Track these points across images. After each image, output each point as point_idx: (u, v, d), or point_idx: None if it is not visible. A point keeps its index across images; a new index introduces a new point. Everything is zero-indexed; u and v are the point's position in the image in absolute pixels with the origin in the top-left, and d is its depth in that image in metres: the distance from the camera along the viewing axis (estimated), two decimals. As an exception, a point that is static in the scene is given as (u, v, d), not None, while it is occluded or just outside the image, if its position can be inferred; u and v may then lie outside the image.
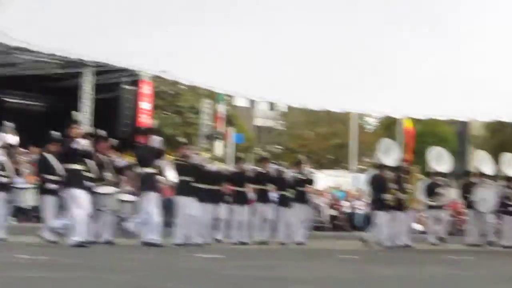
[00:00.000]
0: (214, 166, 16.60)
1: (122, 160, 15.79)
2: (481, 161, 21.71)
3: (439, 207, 20.94)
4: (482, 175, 21.11)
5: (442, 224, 21.37)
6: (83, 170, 14.25)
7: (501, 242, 21.04)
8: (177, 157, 16.54)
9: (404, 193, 19.42)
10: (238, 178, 17.67)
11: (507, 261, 15.67)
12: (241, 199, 17.74)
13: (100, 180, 14.92)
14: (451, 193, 20.82)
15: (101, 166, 15.03)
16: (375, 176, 19.48)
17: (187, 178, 15.99)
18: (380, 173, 19.43)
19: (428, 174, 21.19)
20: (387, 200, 18.64)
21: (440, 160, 21.49)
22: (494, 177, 21.67)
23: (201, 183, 16.22)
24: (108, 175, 15.22)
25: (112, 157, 15.61)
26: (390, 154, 20.97)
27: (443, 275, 11.24)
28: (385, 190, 18.72)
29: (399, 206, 18.99)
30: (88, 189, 14.26)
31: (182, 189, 16.10)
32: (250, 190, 17.92)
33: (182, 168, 16.08)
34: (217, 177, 16.96)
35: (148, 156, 15.53)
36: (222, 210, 17.42)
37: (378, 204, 18.80)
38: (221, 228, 17.70)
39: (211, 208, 16.77)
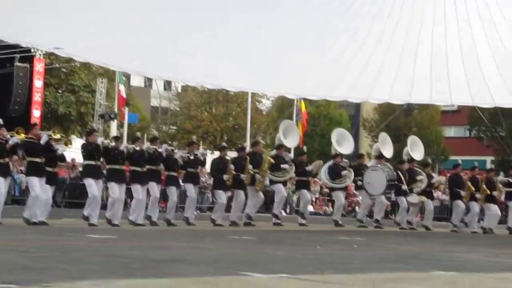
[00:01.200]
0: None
1: (13, 137, 15.32)
2: (381, 143, 22.15)
3: (341, 189, 21.24)
4: (380, 157, 21.55)
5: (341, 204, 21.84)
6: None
7: (397, 222, 21.71)
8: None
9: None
10: (137, 158, 17.28)
11: (399, 242, 16.05)
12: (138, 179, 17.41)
13: None
14: (353, 175, 21.07)
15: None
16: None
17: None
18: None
19: (332, 156, 21.44)
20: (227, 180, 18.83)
21: (341, 141, 21.82)
22: (391, 160, 22.23)
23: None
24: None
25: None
26: (290, 136, 21.19)
27: (336, 255, 11.43)
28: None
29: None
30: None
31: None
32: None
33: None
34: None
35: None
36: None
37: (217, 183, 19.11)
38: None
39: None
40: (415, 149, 22.45)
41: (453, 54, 22.29)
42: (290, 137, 21.18)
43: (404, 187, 21.35)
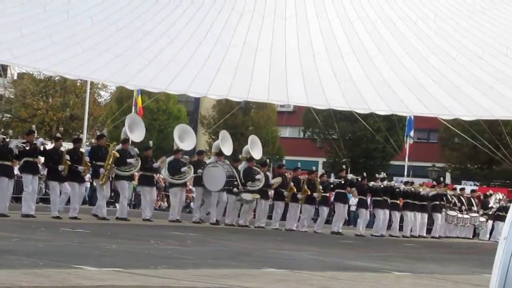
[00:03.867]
0: None
1: None
2: (221, 141, 22.36)
3: (181, 185, 21.29)
4: (220, 154, 21.74)
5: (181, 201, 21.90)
6: None
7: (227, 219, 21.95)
8: None
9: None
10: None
11: (233, 239, 16.26)
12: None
13: None
14: (192, 171, 21.13)
15: None
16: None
17: None
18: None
19: (174, 151, 21.43)
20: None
21: (183, 137, 21.85)
22: (229, 157, 22.48)
23: None
24: None
25: None
26: (136, 130, 21.06)
27: (170, 250, 11.49)
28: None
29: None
30: None
31: None
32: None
33: None
34: None
35: None
36: None
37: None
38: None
39: None
40: (255, 148, 22.83)
41: (291, 53, 22.81)
42: (136, 131, 21.02)
43: (239, 185, 21.62)
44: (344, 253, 14.74)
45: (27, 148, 17.75)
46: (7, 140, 17.57)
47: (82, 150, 19.45)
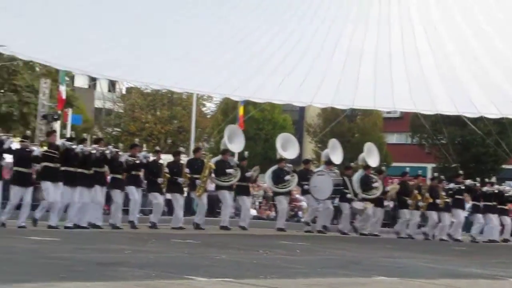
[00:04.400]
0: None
1: None
2: (331, 149, 22.23)
3: (284, 194, 21.26)
4: (329, 163, 21.66)
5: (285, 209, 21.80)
6: None
7: (340, 228, 21.73)
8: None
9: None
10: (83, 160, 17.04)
11: (341, 247, 16.14)
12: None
13: None
14: (296, 179, 21.12)
15: None
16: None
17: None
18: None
19: (277, 161, 21.50)
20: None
21: (286, 146, 21.88)
22: (340, 165, 22.35)
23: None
24: None
25: None
26: (235, 140, 21.24)
27: (279, 259, 11.48)
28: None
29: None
30: None
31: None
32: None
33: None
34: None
35: None
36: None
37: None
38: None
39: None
40: (371, 156, 22.48)
41: (396, 59, 22.55)
42: (235, 141, 21.22)
43: (350, 194, 21.46)
44: (457, 260, 14.42)
45: (137, 161, 18.15)
46: (119, 153, 17.94)
47: (181, 162, 19.73)
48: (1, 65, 37.49)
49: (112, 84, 59.07)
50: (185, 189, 19.74)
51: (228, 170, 20.01)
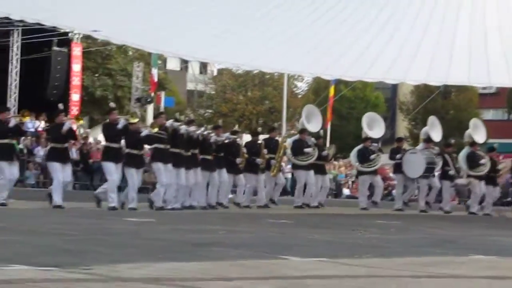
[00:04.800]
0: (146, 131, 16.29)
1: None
2: (430, 127, 21.96)
3: (371, 173, 21.15)
4: (428, 140, 21.43)
5: (376, 189, 21.62)
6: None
7: (442, 207, 21.43)
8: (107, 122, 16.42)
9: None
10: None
11: (436, 225, 15.96)
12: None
13: None
14: (382, 159, 21.03)
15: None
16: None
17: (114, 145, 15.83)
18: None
19: (362, 140, 21.43)
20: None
21: (372, 125, 21.75)
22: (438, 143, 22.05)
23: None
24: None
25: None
26: (313, 120, 21.31)
27: (373, 238, 11.41)
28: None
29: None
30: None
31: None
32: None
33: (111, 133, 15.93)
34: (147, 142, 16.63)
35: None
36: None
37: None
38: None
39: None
40: (477, 132, 22.00)
41: (492, 34, 22.00)
42: (313, 121, 21.35)
43: (452, 171, 21.11)
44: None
45: (226, 141, 18.25)
46: (211, 135, 18.00)
47: (259, 142, 19.81)
48: (95, 49, 38.24)
49: (203, 66, 59.59)
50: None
51: (306, 150, 20.04)
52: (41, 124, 27.97)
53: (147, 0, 19.99)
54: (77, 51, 31.98)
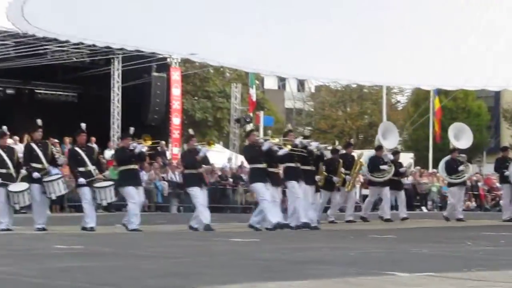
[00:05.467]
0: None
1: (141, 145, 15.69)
2: None
3: (458, 184, 20.83)
4: None
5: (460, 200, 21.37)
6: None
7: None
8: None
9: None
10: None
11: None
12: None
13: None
14: (471, 169, 20.65)
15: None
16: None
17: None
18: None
19: (450, 151, 21.28)
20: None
21: (460, 136, 21.54)
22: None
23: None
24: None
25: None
26: (389, 137, 21.27)
27: (481, 250, 11.13)
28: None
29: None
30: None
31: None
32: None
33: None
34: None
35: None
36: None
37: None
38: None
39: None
40: None
41: None
42: (390, 138, 21.26)
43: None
44: None
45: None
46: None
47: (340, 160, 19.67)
48: (193, 73, 38.79)
49: (301, 84, 59.68)
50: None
51: (382, 167, 20.02)
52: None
53: (242, 21, 20.14)
54: (176, 75, 32.47)
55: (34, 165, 15.11)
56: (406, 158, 23.37)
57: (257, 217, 16.29)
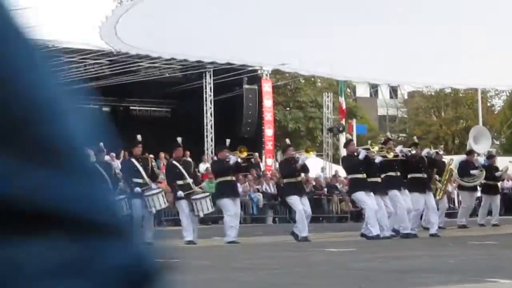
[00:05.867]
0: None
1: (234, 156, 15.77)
2: None
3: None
4: None
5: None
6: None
7: None
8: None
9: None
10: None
11: None
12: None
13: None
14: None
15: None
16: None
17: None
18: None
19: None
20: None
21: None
22: None
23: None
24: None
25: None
26: (481, 141, 20.80)
27: None
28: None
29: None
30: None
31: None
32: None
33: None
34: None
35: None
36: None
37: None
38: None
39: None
40: None
41: None
42: (481, 142, 20.75)
43: None
44: None
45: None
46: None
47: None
48: (284, 83, 38.87)
49: (393, 90, 59.11)
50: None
51: (472, 171, 19.59)
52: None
53: (330, 30, 20.08)
54: (267, 87, 32.58)
55: (135, 180, 15.35)
56: (505, 162, 22.78)
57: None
